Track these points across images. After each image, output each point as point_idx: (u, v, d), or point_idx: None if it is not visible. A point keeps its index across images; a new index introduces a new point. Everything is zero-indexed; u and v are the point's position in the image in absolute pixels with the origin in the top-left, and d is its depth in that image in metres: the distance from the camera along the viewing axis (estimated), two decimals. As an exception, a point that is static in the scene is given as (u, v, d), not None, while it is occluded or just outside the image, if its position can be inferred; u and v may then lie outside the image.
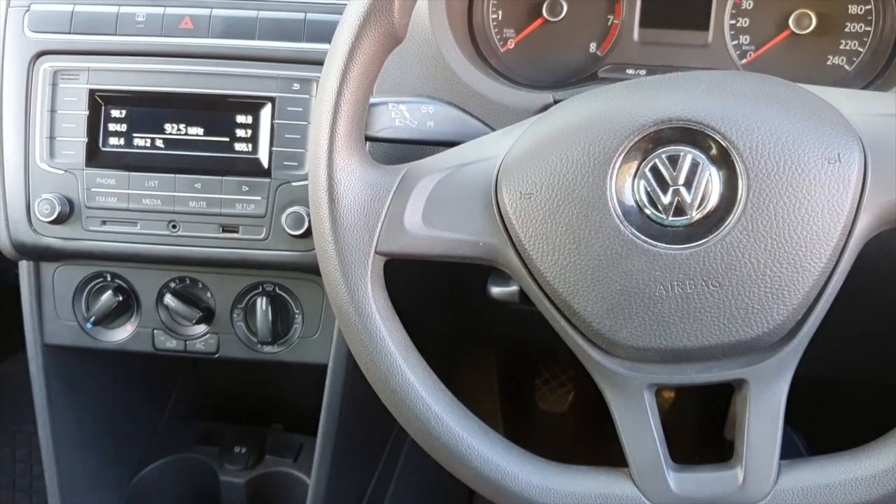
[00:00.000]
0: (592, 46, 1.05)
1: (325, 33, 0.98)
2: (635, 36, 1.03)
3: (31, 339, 1.08)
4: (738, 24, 1.02)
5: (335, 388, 1.06)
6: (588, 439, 1.61)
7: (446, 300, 1.17)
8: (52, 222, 0.99)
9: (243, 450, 1.27)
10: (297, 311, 1.06)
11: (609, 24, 1.04)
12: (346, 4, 0.97)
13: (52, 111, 1.00)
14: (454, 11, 1.01)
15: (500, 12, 1.05)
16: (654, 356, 0.70)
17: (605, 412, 0.75)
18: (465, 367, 1.65)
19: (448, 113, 0.87)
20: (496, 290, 0.93)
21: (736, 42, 1.02)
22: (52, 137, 1.00)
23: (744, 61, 1.02)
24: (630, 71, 1.00)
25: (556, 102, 0.95)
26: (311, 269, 1.00)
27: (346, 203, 0.73)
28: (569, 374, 1.64)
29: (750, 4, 1.02)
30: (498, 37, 1.06)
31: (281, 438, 1.31)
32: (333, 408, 1.07)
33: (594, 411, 1.67)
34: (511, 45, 1.06)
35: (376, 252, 0.73)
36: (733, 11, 1.02)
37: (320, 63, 0.96)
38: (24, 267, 1.07)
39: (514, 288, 0.91)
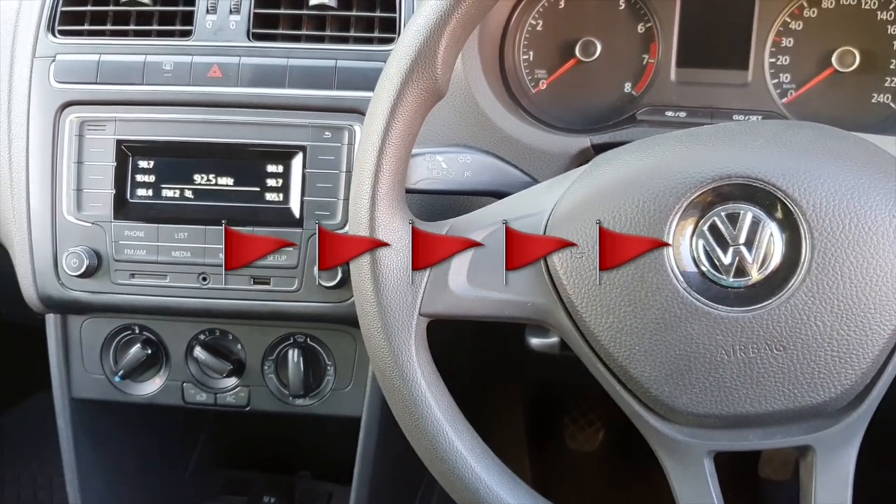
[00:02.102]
0: (627, 87, 1.02)
1: (356, 80, 0.96)
2: (672, 76, 1.01)
3: (58, 393, 1.06)
4: (779, 63, 1.00)
5: (369, 442, 1.03)
6: (620, 481, 1.58)
7: (476, 343, 1.14)
8: (80, 276, 0.96)
9: (272, 500, 1.25)
10: (330, 363, 1.03)
11: (644, 63, 1.02)
12: (377, 51, 0.97)
13: (79, 162, 0.98)
14: (486, 54, 0.99)
15: (531, 53, 1.03)
16: (714, 422, 0.67)
17: (638, 451, 0.72)
18: (490, 404, 1.62)
19: (485, 162, 0.85)
20: (535, 342, 0.90)
21: (776, 81, 1.00)
22: (79, 189, 0.97)
23: (784, 100, 1.00)
24: (669, 113, 0.97)
25: (593, 146, 0.94)
26: (344, 321, 0.97)
27: (389, 262, 0.71)
28: (598, 412, 1.61)
29: (790, 42, 0.99)
30: (529, 78, 1.04)
31: (310, 487, 1.28)
32: (367, 460, 1.04)
33: (626, 451, 1.64)
34: (543, 86, 1.04)
35: (420, 314, 0.71)
36: (773, 49, 1.00)
37: (352, 111, 0.96)
38: (51, 320, 1.04)
39: (554, 340, 0.89)
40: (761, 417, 0.66)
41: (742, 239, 0.65)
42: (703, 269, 0.66)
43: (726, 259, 0.66)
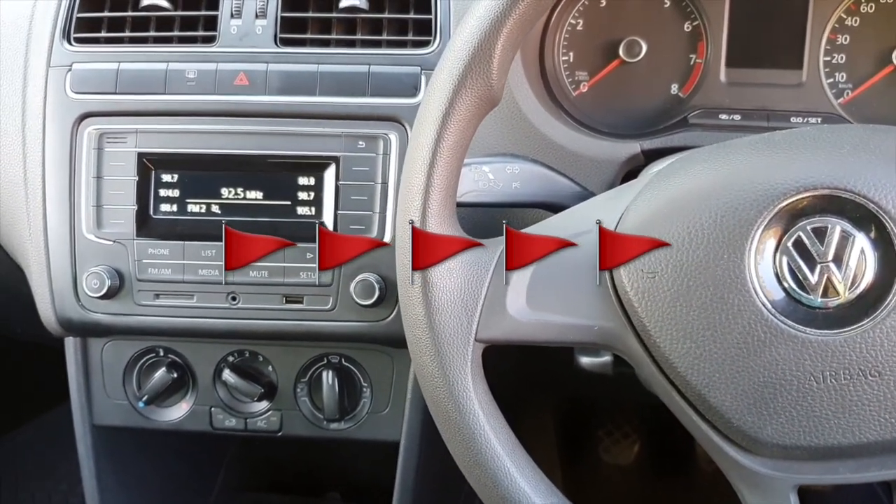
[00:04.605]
0: (674, 88, 0.97)
1: (390, 87, 0.91)
2: (722, 76, 0.96)
3: (78, 420, 1.01)
4: (834, 61, 0.95)
5: (409, 467, 0.98)
6: (657, 494, 1.52)
7: (518, 363, 1.09)
8: (101, 297, 0.91)
9: (301, 524, 1.19)
10: (366, 385, 0.98)
11: (691, 63, 0.97)
12: (412, 55, 0.92)
13: (99, 177, 0.93)
14: (526, 56, 0.95)
15: (570, 54, 0.98)
16: (802, 454, 0.62)
17: (675, 465, 0.67)
18: (520, 416, 1.57)
19: (534, 171, 0.80)
20: (587, 361, 0.86)
21: (832, 80, 0.95)
22: (98, 206, 0.93)
23: (840, 100, 0.95)
24: (723, 116, 0.92)
25: (643, 152, 0.89)
26: (382, 340, 0.93)
27: (442, 285, 0.66)
28: (633, 424, 1.55)
29: (846, 39, 0.94)
30: (569, 80, 0.99)
31: (341, 510, 1.23)
32: (407, 486, 0.99)
33: (663, 463, 1.59)
34: (584, 88, 0.99)
35: (476, 339, 0.66)
36: (828, 47, 0.95)
37: (387, 119, 0.91)
38: (71, 343, 1.00)
39: (607, 359, 0.84)
40: (854, 449, 0.61)
41: (830, 255, 0.60)
42: (789, 288, 0.61)
43: (813, 277, 0.60)
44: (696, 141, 0.89)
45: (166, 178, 0.92)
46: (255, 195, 0.91)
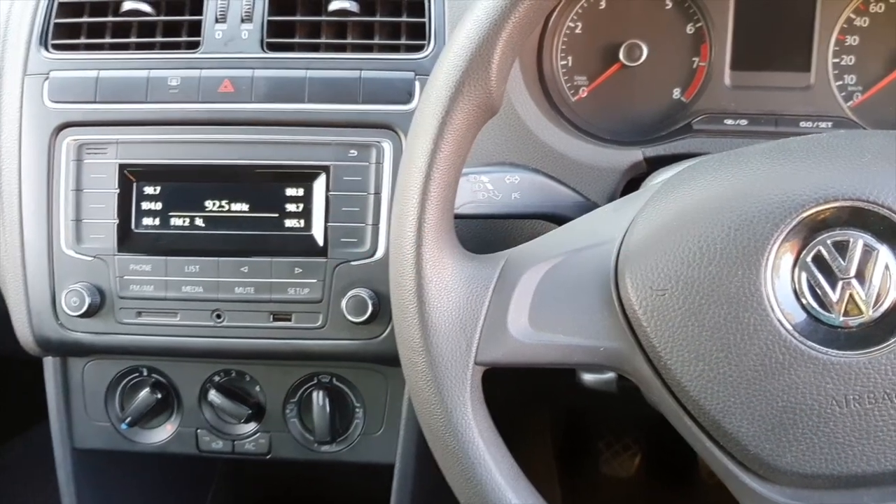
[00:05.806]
0: (676, 93, 0.94)
1: (382, 93, 0.87)
2: (726, 80, 0.93)
3: (58, 444, 0.97)
4: (843, 63, 0.91)
5: (404, 491, 0.94)
6: (659, 508, 1.49)
7: (515, 381, 1.06)
8: (81, 316, 0.88)
9: (293, 545, 1.15)
10: (358, 405, 0.94)
11: (694, 67, 0.93)
12: (405, 59, 0.88)
13: (78, 190, 0.89)
14: (524, 60, 0.92)
15: (569, 58, 0.95)
16: (823, 483, 0.58)
17: (676, 477, 0.63)
18: (517, 429, 1.53)
19: (534, 181, 0.77)
20: (589, 379, 0.83)
21: (841, 83, 0.92)
22: (78, 220, 0.89)
23: (850, 104, 0.92)
24: (729, 121, 0.89)
25: (646, 160, 0.86)
26: (375, 359, 0.89)
27: (439, 304, 0.62)
28: (634, 436, 1.51)
29: (855, 40, 0.91)
30: (568, 85, 0.95)
31: (333, 531, 1.19)
32: (403, 512, 0.95)
33: (664, 475, 1.56)
34: (584, 94, 0.95)
35: (476, 362, 0.62)
36: (837, 49, 0.91)
37: (379, 126, 0.88)
38: (50, 363, 0.96)
39: (610, 376, 0.81)
40: (879, 477, 0.57)
41: (852, 271, 0.57)
42: (808, 306, 0.57)
43: (834, 294, 0.57)
44: (700, 147, 0.86)
45: (148, 190, 0.88)
46: (240, 207, 0.87)
